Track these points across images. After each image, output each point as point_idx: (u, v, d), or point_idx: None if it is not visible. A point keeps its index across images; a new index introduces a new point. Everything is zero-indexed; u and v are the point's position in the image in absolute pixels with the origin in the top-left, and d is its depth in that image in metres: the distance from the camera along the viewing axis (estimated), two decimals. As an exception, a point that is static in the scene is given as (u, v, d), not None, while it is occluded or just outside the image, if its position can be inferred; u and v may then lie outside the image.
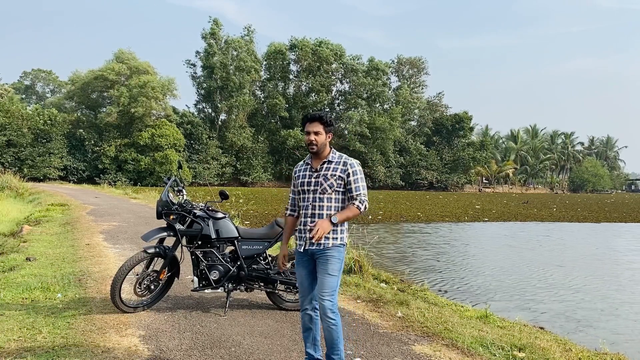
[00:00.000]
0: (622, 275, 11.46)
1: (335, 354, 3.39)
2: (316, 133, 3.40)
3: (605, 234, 20.73)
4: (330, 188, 3.37)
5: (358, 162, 3.52)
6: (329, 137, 3.46)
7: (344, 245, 3.45)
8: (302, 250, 3.43)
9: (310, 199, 3.41)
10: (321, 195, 3.38)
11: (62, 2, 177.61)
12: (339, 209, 3.40)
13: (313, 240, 3.22)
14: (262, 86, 62.82)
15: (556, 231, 20.84)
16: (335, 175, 3.38)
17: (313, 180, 3.42)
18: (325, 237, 3.35)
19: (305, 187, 3.44)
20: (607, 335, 6.75)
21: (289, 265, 5.16)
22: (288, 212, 3.67)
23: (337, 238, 3.39)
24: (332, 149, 3.52)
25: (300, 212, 3.51)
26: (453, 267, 11.69)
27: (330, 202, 3.38)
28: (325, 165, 3.43)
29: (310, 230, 3.32)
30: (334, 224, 3.29)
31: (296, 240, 3.55)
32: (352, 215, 3.36)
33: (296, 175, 3.55)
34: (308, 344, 3.54)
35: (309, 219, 3.40)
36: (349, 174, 3.39)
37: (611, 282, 10.67)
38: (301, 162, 3.58)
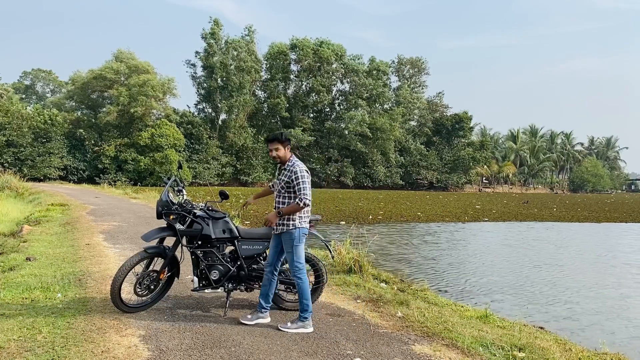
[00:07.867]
0: (621, 274, 11.46)
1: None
2: (277, 149, 4.64)
3: (606, 234, 20.73)
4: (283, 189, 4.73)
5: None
6: (287, 149, 4.69)
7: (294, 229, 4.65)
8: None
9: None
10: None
11: (62, 2, 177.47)
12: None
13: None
14: (262, 86, 62.81)
15: (556, 231, 20.85)
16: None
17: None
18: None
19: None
20: (607, 336, 6.75)
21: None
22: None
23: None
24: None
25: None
26: (453, 267, 11.69)
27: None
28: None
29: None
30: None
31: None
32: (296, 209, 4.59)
33: None
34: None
35: None
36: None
37: (611, 281, 10.67)
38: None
